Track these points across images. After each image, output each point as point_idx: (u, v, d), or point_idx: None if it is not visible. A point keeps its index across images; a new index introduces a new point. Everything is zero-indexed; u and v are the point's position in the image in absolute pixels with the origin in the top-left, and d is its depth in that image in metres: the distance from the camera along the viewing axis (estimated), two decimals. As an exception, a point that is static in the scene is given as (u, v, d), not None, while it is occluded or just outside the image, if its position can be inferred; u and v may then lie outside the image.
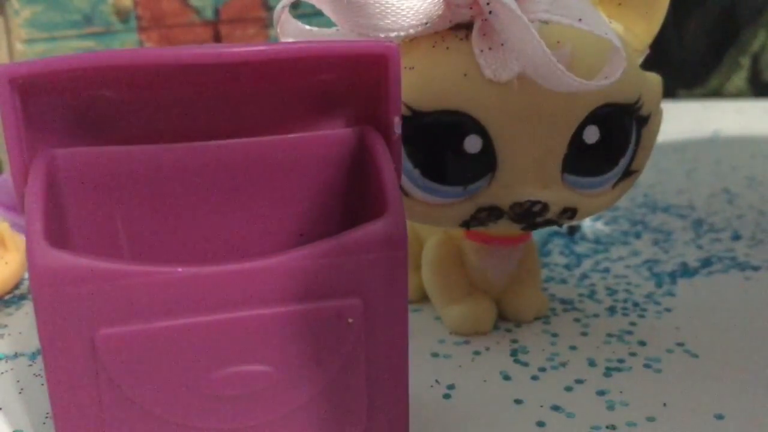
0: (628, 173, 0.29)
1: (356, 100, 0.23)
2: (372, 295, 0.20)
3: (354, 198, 0.23)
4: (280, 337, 0.20)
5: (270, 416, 0.21)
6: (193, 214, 0.23)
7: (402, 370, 0.22)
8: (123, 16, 0.62)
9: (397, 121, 0.22)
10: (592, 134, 0.26)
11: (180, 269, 0.19)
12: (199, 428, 0.20)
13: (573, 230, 0.44)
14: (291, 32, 0.27)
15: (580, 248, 0.42)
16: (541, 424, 0.25)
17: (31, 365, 0.30)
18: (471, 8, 0.25)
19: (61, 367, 0.19)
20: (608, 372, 0.28)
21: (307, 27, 0.27)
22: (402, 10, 0.25)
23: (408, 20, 0.25)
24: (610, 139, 0.27)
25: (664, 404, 0.26)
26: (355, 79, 0.22)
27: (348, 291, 0.20)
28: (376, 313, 0.21)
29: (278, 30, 0.27)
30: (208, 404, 0.20)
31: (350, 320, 0.20)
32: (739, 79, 0.90)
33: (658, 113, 0.29)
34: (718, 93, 0.91)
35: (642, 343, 0.30)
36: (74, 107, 0.21)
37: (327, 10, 0.25)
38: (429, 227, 0.33)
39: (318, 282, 0.20)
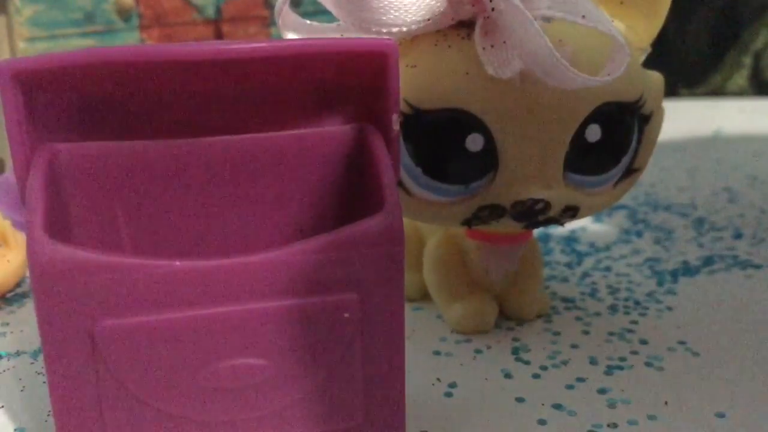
0: (630, 172, 0.29)
1: (355, 97, 0.23)
2: (369, 291, 0.21)
3: (352, 194, 0.23)
4: (278, 331, 0.20)
5: (267, 409, 0.21)
6: (193, 209, 0.23)
7: (398, 365, 0.22)
8: (124, 14, 0.62)
9: (395, 118, 0.22)
10: (594, 133, 0.26)
11: (178, 263, 0.19)
12: (197, 420, 0.20)
13: None
14: (292, 27, 0.27)
15: (582, 246, 0.42)
16: (542, 422, 0.25)
17: (33, 363, 0.30)
18: (473, 5, 0.25)
19: (60, 359, 0.19)
20: (609, 370, 0.28)
21: (308, 22, 0.27)
22: (405, 5, 0.25)
23: (411, 16, 0.25)
24: (612, 137, 0.27)
25: (666, 403, 0.26)
26: (354, 76, 0.22)
27: (345, 286, 0.20)
28: (373, 308, 0.21)
29: (279, 24, 0.27)
30: (206, 397, 0.20)
31: (346, 315, 0.20)
32: (741, 77, 0.90)
33: (660, 111, 0.29)
34: (719, 91, 0.91)
35: (643, 342, 0.30)
36: (76, 102, 0.21)
37: (329, 5, 0.25)
38: (431, 226, 0.33)
39: (315, 277, 0.20)
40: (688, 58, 0.90)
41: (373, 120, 0.23)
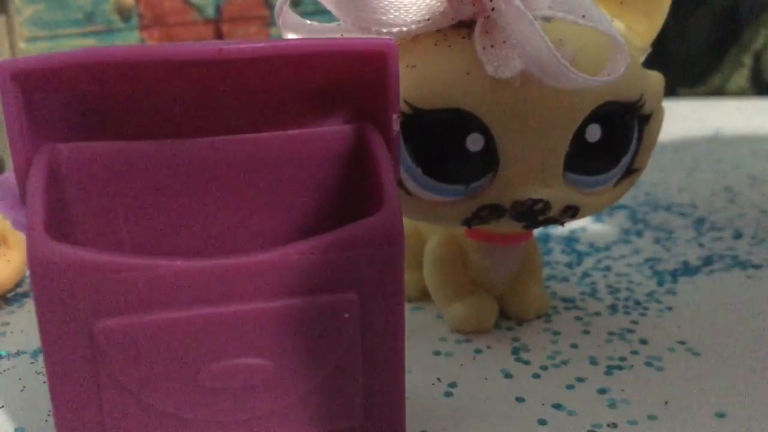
0: (630, 172, 0.29)
1: (355, 97, 0.23)
2: (368, 291, 0.21)
3: (352, 194, 0.23)
4: (277, 330, 0.20)
5: (267, 409, 0.21)
6: (193, 209, 0.23)
7: (399, 365, 0.22)
8: (124, 14, 0.62)
9: (395, 118, 0.22)
10: (594, 133, 0.26)
11: (178, 262, 0.19)
12: (197, 420, 0.20)
13: None
14: (292, 27, 0.27)
15: (582, 246, 0.42)
16: (542, 422, 0.25)
17: (33, 363, 0.30)
18: (474, 5, 0.25)
19: (59, 358, 0.19)
20: (609, 370, 0.28)
21: (308, 22, 0.27)
22: (405, 5, 0.25)
23: (411, 16, 0.25)
24: (612, 137, 0.27)
25: (666, 402, 0.26)
26: (354, 76, 0.22)
27: (345, 286, 0.20)
28: (373, 308, 0.21)
29: (280, 24, 0.27)
30: (206, 396, 0.20)
31: (346, 315, 0.20)
32: (741, 77, 0.90)
33: (660, 111, 0.29)
34: (719, 91, 0.91)
35: (643, 342, 0.30)
36: (76, 102, 0.21)
37: (329, 5, 0.25)
38: (431, 226, 0.33)
39: (314, 277, 0.20)
40: (688, 57, 0.90)
41: (373, 120, 0.23)
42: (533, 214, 0.27)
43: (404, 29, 0.25)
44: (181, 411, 0.20)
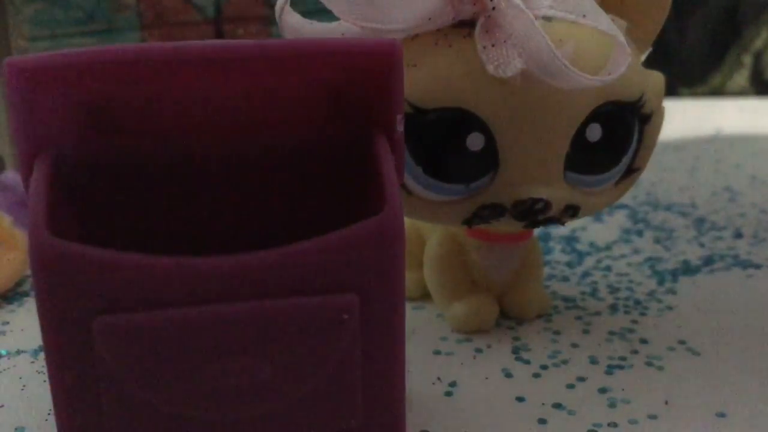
0: (630, 171, 0.29)
1: (359, 97, 0.23)
2: (368, 292, 0.20)
3: (354, 194, 0.23)
4: (277, 330, 0.20)
5: (266, 409, 0.21)
6: (194, 208, 0.23)
7: (398, 366, 0.22)
8: (123, 11, 0.62)
9: (399, 118, 0.22)
10: (594, 132, 0.26)
11: (179, 261, 0.19)
12: (196, 419, 0.20)
13: None
14: (293, 27, 0.27)
15: (582, 246, 0.42)
16: (542, 421, 0.25)
17: (33, 362, 0.30)
18: (474, 4, 0.25)
19: (60, 354, 0.19)
20: (610, 370, 0.28)
21: (309, 22, 0.27)
22: (406, 5, 0.25)
23: (411, 15, 0.25)
24: (613, 137, 0.27)
25: (666, 402, 0.26)
26: (357, 76, 0.22)
27: (344, 287, 0.20)
28: (373, 309, 0.21)
29: (280, 24, 0.27)
30: (205, 395, 0.20)
31: (345, 316, 0.20)
32: (741, 77, 0.90)
33: (661, 111, 0.29)
34: (720, 91, 0.91)
35: (644, 341, 0.30)
36: (81, 100, 0.21)
37: (330, 4, 0.25)
38: (431, 225, 0.33)
39: (315, 277, 0.20)
40: (689, 57, 0.90)
41: (377, 120, 0.22)
42: (534, 213, 0.27)
43: (405, 29, 0.25)
44: (179, 410, 0.20)
